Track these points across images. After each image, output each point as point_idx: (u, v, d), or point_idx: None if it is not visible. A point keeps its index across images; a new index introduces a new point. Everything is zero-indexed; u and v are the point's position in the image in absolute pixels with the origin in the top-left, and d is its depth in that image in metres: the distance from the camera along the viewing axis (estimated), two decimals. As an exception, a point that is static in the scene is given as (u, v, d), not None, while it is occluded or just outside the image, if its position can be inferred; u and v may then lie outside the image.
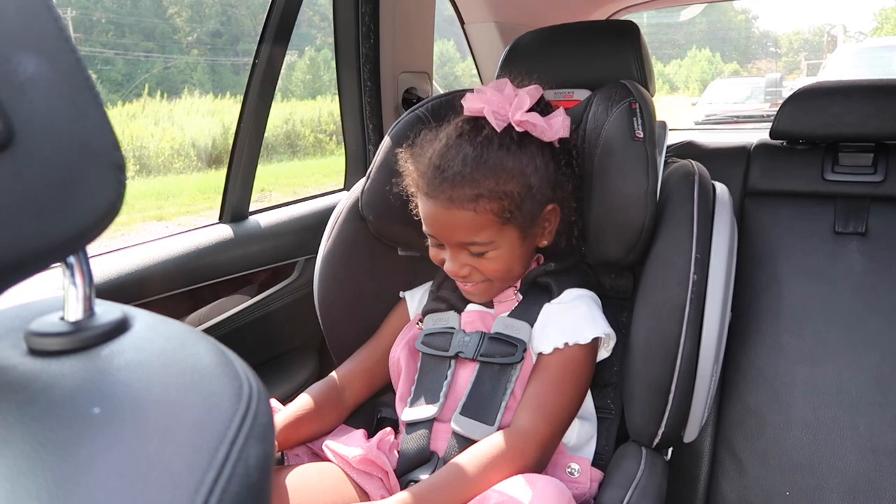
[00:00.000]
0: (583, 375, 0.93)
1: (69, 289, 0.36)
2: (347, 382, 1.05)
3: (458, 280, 0.97)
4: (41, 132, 0.31)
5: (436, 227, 0.93)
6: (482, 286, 0.96)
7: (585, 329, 0.92)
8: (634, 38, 1.14)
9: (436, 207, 0.90)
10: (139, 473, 0.28)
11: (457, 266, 0.93)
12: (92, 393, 0.32)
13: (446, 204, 0.89)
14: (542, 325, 0.95)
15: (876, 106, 1.24)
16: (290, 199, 1.53)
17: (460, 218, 0.89)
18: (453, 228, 0.91)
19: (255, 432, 0.31)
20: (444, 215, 0.90)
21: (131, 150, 10.95)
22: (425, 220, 0.94)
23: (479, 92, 0.94)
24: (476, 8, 1.78)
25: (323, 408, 1.00)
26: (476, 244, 0.91)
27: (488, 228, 0.90)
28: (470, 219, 0.89)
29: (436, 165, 0.90)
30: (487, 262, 0.93)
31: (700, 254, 0.90)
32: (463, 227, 0.90)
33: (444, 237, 0.93)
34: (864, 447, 1.17)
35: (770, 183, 1.35)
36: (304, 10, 1.35)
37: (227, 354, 0.36)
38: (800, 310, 1.26)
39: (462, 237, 0.91)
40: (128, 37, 22.16)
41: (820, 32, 35.94)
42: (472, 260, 0.93)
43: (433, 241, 0.96)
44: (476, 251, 0.92)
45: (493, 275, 0.94)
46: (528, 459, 0.83)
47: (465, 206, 0.88)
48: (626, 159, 0.97)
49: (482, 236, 0.90)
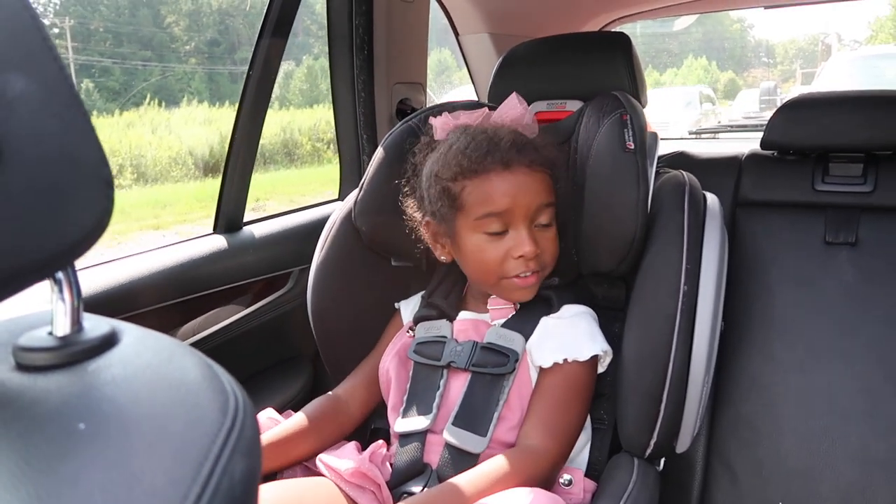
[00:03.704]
0: (586, 392, 0.94)
1: (57, 304, 0.36)
2: (350, 397, 1.04)
3: (525, 268, 0.93)
4: (29, 149, 0.31)
5: (515, 197, 0.90)
6: (538, 277, 0.95)
7: (585, 346, 0.93)
8: (626, 50, 1.15)
9: (515, 175, 0.91)
10: (123, 489, 0.28)
11: (532, 243, 0.91)
12: (78, 408, 0.32)
13: (526, 169, 0.92)
14: (540, 338, 0.95)
15: (865, 116, 1.25)
16: (286, 208, 1.53)
17: (540, 181, 0.93)
18: (536, 192, 0.92)
19: (240, 447, 0.32)
20: (525, 180, 0.91)
21: (129, 159, 10.96)
22: (504, 197, 0.90)
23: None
24: (470, 19, 1.79)
25: (321, 424, 0.98)
26: (551, 206, 0.94)
27: (554, 194, 0.95)
28: (547, 179, 0.94)
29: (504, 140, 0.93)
30: (549, 240, 0.95)
31: (691, 264, 0.91)
32: (544, 189, 0.93)
33: (524, 205, 0.91)
34: (856, 456, 1.18)
35: (761, 193, 1.36)
36: (302, 19, 1.36)
37: (213, 368, 0.36)
38: (791, 319, 1.27)
39: (543, 198, 0.93)
40: (125, 46, 22.22)
41: (814, 41, 36.17)
42: (538, 236, 0.93)
43: (500, 229, 0.92)
44: (547, 219, 0.94)
45: (550, 255, 0.95)
46: (538, 479, 0.84)
47: (544, 169, 0.94)
48: (616, 170, 0.98)
49: (554, 197, 0.95)
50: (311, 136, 13.40)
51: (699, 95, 11.79)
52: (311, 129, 13.50)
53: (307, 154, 12.81)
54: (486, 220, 0.92)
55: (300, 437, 0.95)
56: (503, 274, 0.93)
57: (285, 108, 15.92)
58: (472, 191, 0.92)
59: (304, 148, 13.16)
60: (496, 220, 0.91)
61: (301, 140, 13.30)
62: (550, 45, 1.24)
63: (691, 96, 11.59)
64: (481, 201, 0.91)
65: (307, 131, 13.46)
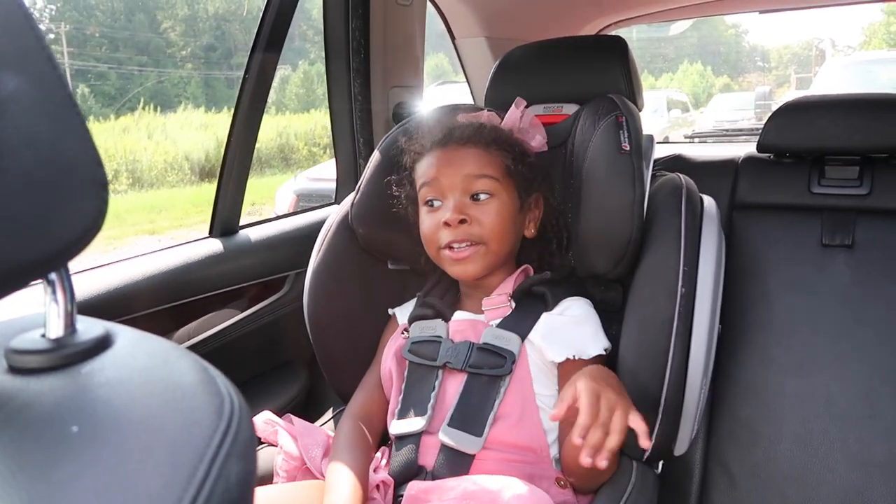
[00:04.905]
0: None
1: (50, 305, 0.36)
2: (368, 412, 1.02)
3: (453, 237, 0.95)
4: (22, 149, 0.31)
5: (444, 168, 0.97)
6: (474, 252, 0.95)
7: (591, 346, 0.94)
8: (622, 54, 1.15)
9: (447, 150, 0.99)
10: (117, 493, 0.27)
11: (456, 211, 0.95)
12: (71, 411, 0.31)
13: (459, 144, 0.98)
14: (546, 333, 0.94)
15: (861, 120, 1.26)
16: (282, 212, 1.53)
17: (472, 154, 0.98)
18: (464, 162, 0.97)
19: (235, 450, 0.31)
20: (455, 154, 0.98)
21: (124, 164, 10.94)
22: (432, 168, 0.99)
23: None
24: (466, 23, 1.79)
25: (367, 451, 0.96)
26: (485, 177, 0.96)
27: (495, 167, 0.98)
28: (481, 154, 0.98)
29: (452, 125, 1.02)
30: (485, 213, 0.96)
31: (688, 267, 0.91)
32: (473, 161, 0.97)
33: (452, 174, 0.97)
34: (854, 460, 1.17)
35: (757, 196, 1.36)
36: (298, 24, 1.36)
37: (209, 371, 0.36)
38: (788, 322, 1.27)
39: (471, 169, 0.97)
40: (121, 51, 22.21)
41: (809, 46, 36.36)
42: (471, 207, 0.96)
43: (433, 197, 0.98)
44: (480, 189, 0.96)
45: (489, 229, 0.95)
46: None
47: (477, 145, 0.99)
48: (612, 172, 0.98)
49: (490, 170, 0.97)
50: (308, 140, 13.41)
51: (667, 101, 10.24)
52: (307, 134, 13.51)
53: (303, 159, 12.80)
54: (423, 190, 1.00)
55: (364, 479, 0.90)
56: (438, 244, 0.98)
57: (281, 113, 15.93)
58: (418, 168, 1.02)
59: (301, 153, 13.16)
60: (428, 189, 0.99)
61: (297, 145, 13.30)
62: (547, 48, 1.25)
63: (658, 102, 9.86)
64: (420, 174, 1.01)
65: (303, 136, 13.47)
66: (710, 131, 2.92)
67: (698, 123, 10.02)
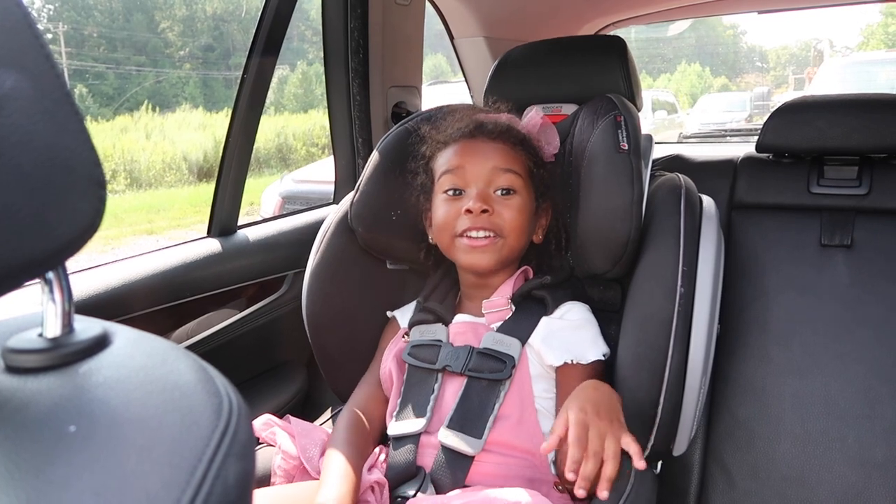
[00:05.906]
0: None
1: (48, 305, 0.35)
2: (367, 410, 1.01)
3: (473, 224, 0.96)
4: (20, 147, 0.31)
5: (470, 157, 0.98)
6: (491, 243, 0.96)
7: (589, 351, 0.94)
8: (621, 53, 1.15)
9: (475, 142, 1.00)
10: (115, 493, 0.27)
11: (480, 200, 0.95)
12: (69, 410, 0.31)
13: (489, 138, 0.99)
14: (544, 337, 0.95)
15: (859, 120, 1.26)
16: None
17: (500, 149, 0.99)
18: (492, 154, 0.98)
19: (234, 450, 0.31)
20: (484, 146, 0.99)
21: (122, 164, 10.92)
22: (458, 157, 1.00)
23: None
24: (465, 23, 1.79)
25: (364, 447, 0.95)
26: (511, 172, 0.98)
27: (520, 165, 0.99)
28: (509, 151, 0.99)
29: (481, 120, 1.02)
30: (508, 208, 0.97)
31: (687, 266, 0.91)
32: (501, 156, 0.98)
33: (479, 164, 0.98)
34: (853, 459, 1.17)
35: (756, 196, 1.36)
36: (297, 24, 1.36)
37: (207, 371, 0.35)
38: (787, 322, 1.27)
39: (499, 162, 0.98)
40: (120, 51, 22.17)
41: (807, 47, 36.41)
42: (495, 200, 0.97)
43: (455, 186, 0.99)
44: (505, 183, 0.97)
45: (508, 225, 0.96)
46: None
47: (506, 142, 1.00)
48: (610, 171, 0.98)
49: (516, 167, 0.99)
50: (306, 140, 13.40)
51: (652, 102, 10.02)
52: (305, 134, 13.50)
53: (301, 159, 12.79)
54: (444, 178, 1.00)
55: (359, 470, 0.90)
56: (455, 230, 0.98)
57: (280, 113, 15.92)
58: (440, 157, 1.03)
59: (299, 153, 13.15)
60: (451, 176, 0.99)
61: (295, 145, 13.29)
62: (546, 48, 1.24)
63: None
64: (443, 162, 1.02)
65: (302, 136, 13.46)
66: (703, 133, 2.91)
67: (686, 126, 9.84)
